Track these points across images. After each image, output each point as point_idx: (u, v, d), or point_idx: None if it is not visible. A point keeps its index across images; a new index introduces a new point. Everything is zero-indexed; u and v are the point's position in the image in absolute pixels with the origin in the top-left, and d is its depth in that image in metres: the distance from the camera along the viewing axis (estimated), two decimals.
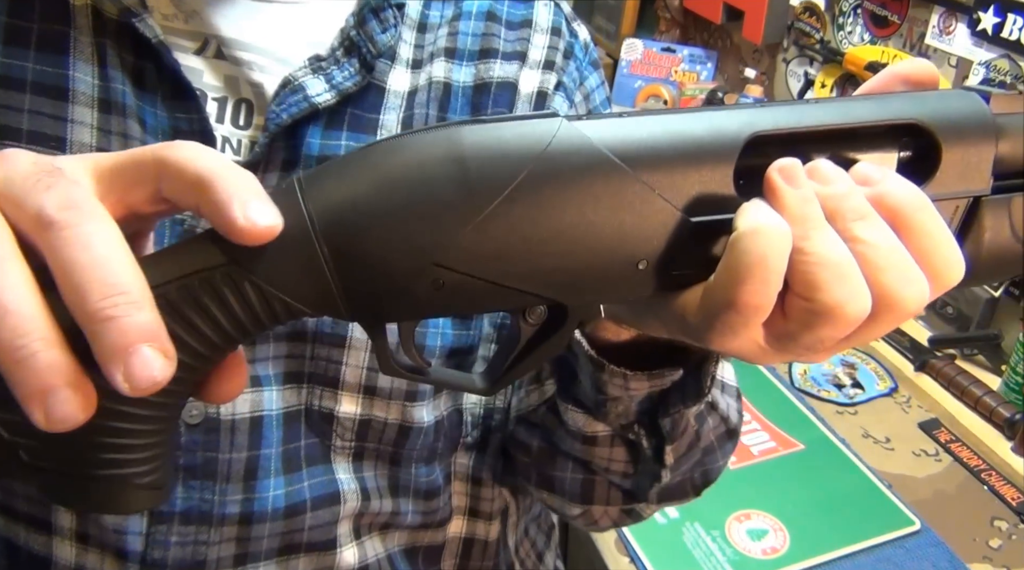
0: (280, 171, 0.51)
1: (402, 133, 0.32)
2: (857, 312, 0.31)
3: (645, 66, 1.96)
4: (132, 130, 0.49)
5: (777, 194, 0.31)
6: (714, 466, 0.60)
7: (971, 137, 0.34)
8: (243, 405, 0.52)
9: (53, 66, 0.48)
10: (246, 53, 0.51)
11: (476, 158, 0.31)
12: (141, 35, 0.48)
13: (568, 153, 0.31)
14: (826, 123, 0.33)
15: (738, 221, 0.31)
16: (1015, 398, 1.13)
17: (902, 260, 0.32)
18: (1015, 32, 1.18)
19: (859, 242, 0.31)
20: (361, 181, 0.31)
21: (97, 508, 0.32)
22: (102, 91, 0.49)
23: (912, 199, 0.32)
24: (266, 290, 0.30)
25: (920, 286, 0.32)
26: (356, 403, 0.54)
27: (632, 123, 0.32)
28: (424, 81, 0.56)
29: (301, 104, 0.50)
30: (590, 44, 0.65)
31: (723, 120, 0.33)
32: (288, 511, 0.54)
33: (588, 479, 0.58)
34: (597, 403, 0.51)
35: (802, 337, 0.33)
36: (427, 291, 0.31)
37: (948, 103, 0.35)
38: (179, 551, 0.52)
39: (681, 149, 0.32)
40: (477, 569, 0.66)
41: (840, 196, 0.32)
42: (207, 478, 0.52)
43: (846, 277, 0.31)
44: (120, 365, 0.27)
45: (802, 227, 0.31)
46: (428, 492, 0.60)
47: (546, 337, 0.35)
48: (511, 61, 0.58)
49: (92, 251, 0.27)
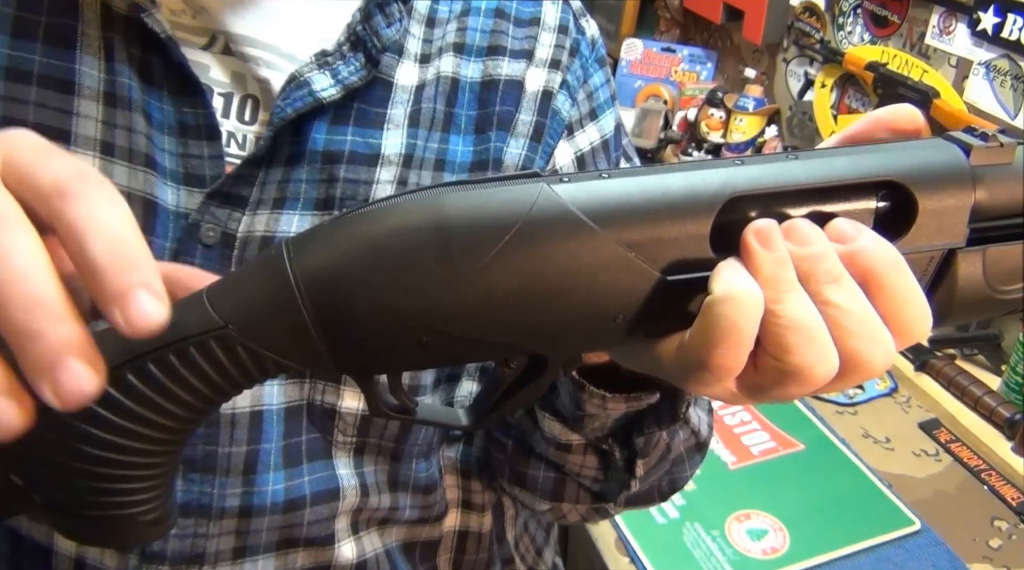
0: (284, 166, 0.51)
1: (387, 197, 0.33)
2: (824, 373, 0.32)
3: (645, 66, 1.96)
4: (137, 124, 0.49)
5: (752, 257, 0.32)
6: (681, 475, 0.62)
7: (948, 191, 0.35)
8: (243, 399, 0.52)
9: (60, 59, 0.48)
10: (253, 49, 0.51)
11: (458, 226, 0.31)
12: (149, 30, 0.48)
13: (546, 219, 0.32)
14: (804, 182, 0.34)
15: (713, 284, 0.32)
16: (1015, 398, 1.13)
17: (871, 323, 0.33)
18: (1015, 32, 1.18)
19: (830, 305, 0.32)
20: (346, 247, 0.32)
21: (105, 544, 0.35)
22: (108, 85, 0.49)
23: (886, 257, 0.33)
24: (258, 352, 0.32)
25: (886, 348, 0.33)
26: (358, 398, 0.54)
27: (610, 185, 0.33)
28: (432, 76, 0.56)
29: (306, 99, 0.50)
30: (598, 40, 0.65)
31: (701, 180, 0.33)
32: (287, 505, 0.54)
33: (559, 479, 0.59)
34: (575, 417, 0.52)
35: (772, 391, 0.34)
36: (411, 348, 0.32)
37: (927, 156, 0.35)
38: (178, 543, 0.52)
39: (658, 210, 0.33)
40: (472, 562, 0.66)
41: (815, 258, 0.32)
42: (207, 471, 0.52)
43: (815, 340, 0.32)
44: (48, 378, 0.26)
45: (775, 290, 0.32)
46: (427, 487, 0.60)
47: (527, 382, 0.36)
48: (518, 59, 0.58)
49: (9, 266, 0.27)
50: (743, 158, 0.34)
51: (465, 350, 0.33)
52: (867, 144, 0.36)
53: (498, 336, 0.33)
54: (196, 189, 0.51)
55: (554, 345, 0.34)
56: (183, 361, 0.31)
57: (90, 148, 0.49)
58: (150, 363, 0.31)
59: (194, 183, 0.50)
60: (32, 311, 0.26)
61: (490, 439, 0.62)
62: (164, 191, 0.50)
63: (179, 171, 0.50)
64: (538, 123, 0.58)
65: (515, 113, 0.58)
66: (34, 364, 0.26)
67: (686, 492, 1.03)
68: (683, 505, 1.01)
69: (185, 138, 0.50)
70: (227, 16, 0.50)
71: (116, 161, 0.49)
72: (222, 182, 0.50)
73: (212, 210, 0.50)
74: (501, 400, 0.37)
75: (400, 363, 0.34)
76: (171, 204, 0.50)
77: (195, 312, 0.32)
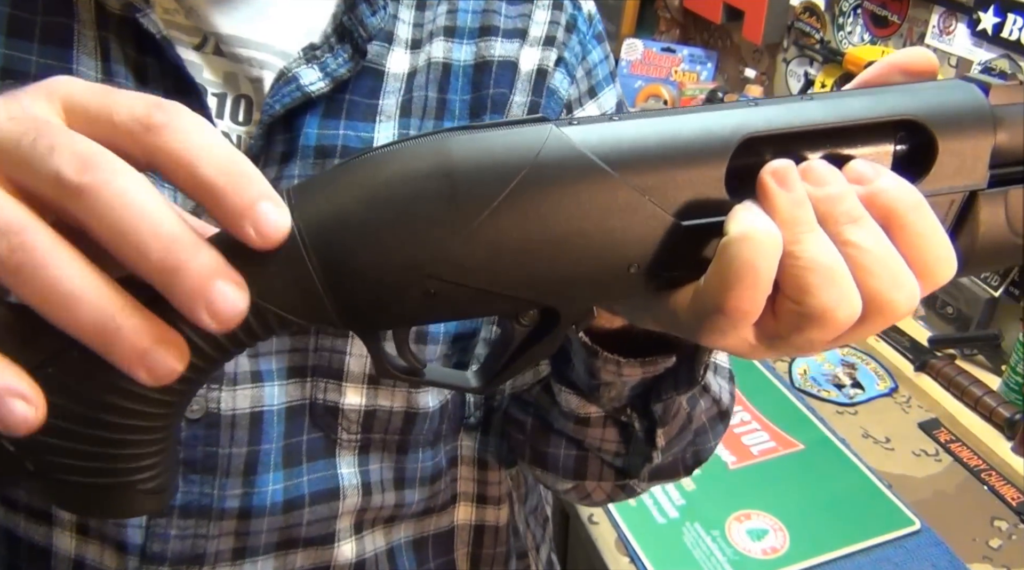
0: (279, 164, 0.51)
1: (391, 143, 0.32)
2: (847, 316, 0.31)
3: (645, 66, 1.96)
4: None
5: (769, 197, 0.31)
6: (705, 447, 0.60)
7: (968, 131, 0.34)
8: (243, 400, 0.52)
9: (57, 59, 0.48)
10: (244, 49, 0.51)
11: (464, 171, 0.31)
12: (143, 30, 0.48)
13: (556, 162, 0.31)
14: (820, 122, 0.33)
15: (729, 225, 0.31)
16: (1015, 398, 1.13)
17: (893, 264, 0.32)
18: (1015, 32, 1.18)
19: (851, 246, 0.31)
20: (350, 195, 0.31)
21: (102, 513, 0.33)
22: (105, 85, 0.49)
23: (906, 198, 0.32)
24: (259, 305, 0.31)
25: (910, 289, 0.32)
26: (361, 394, 0.54)
27: (622, 127, 0.32)
28: (423, 62, 0.55)
29: (294, 94, 0.49)
30: (595, 15, 0.63)
31: (715, 121, 0.32)
32: (286, 506, 0.54)
33: (581, 456, 0.59)
34: (590, 387, 0.51)
35: (792, 338, 0.33)
36: (418, 300, 0.32)
37: (946, 96, 0.34)
38: (178, 544, 0.52)
39: (671, 153, 0.32)
40: (491, 556, 0.66)
41: (833, 198, 0.31)
42: (207, 472, 0.52)
43: (836, 281, 0.31)
44: (202, 303, 0.27)
45: (793, 231, 0.31)
46: (433, 477, 0.60)
47: (539, 339, 0.35)
48: (512, 39, 0.57)
49: (133, 208, 0.27)
50: (757, 99, 0.34)
51: (474, 302, 0.32)
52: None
53: (508, 287, 0.32)
54: None
55: (566, 297, 0.33)
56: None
57: None
58: None
59: None
60: (171, 247, 0.27)
61: (509, 419, 0.61)
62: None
63: None
64: (533, 103, 0.57)
65: (510, 95, 0.57)
66: (187, 294, 0.27)
67: (686, 492, 1.03)
68: (683, 505, 1.02)
69: None
70: (215, 16, 0.50)
71: None
72: None
73: None
74: (512, 359, 0.36)
75: (407, 316, 0.32)
76: None
77: None
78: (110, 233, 0.27)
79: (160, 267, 0.27)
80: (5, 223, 0.27)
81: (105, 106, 0.29)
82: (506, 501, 0.66)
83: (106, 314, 0.27)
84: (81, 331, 0.27)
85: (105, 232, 0.27)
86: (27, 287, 0.27)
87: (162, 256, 0.27)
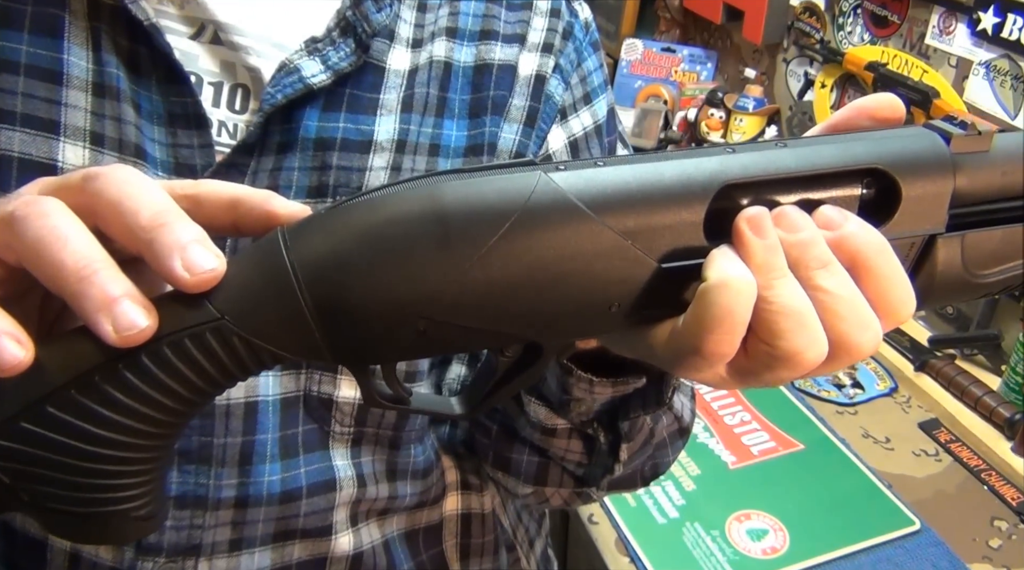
0: (275, 154, 0.51)
1: (385, 185, 0.33)
2: (814, 357, 0.33)
3: (645, 66, 1.96)
4: (126, 114, 0.49)
5: (745, 244, 0.33)
6: (664, 461, 0.63)
7: (930, 178, 0.36)
8: (238, 391, 0.51)
9: (47, 49, 0.48)
10: (243, 38, 0.51)
11: (456, 216, 0.32)
12: (135, 19, 0.48)
13: (545, 208, 0.32)
14: (793, 170, 0.35)
15: (707, 272, 0.33)
16: (1015, 398, 1.13)
17: (860, 307, 0.34)
18: (1015, 32, 1.18)
19: (820, 291, 0.33)
20: (344, 237, 0.32)
21: (96, 541, 0.34)
22: (96, 75, 0.49)
23: (872, 242, 0.34)
24: (254, 344, 0.32)
25: (874, 331, 0.34)
26: (355, 388, 0.54)
27: (606, 172, 0.34)
28: (425, 60, 0.56)
29: (296, 85, 0.50)
30: (592, 24, 0.64)
31: (695, 168, 0.34)
32: (283, 497, 0.54)
33: (543, 463, 0.60)
34: (561, 402, 0.52)
35: (762, 375, 0.35)
36: (409, 338, 0.33)
37: (909, 144, 0.36)
38: (174, 535, 0.52)
39: (654, 199, 0.33)
40: (480, 545, 0.66)
41: (804, 244, 0.33)
42: (202, 463, 0.52)
43: (806, 325, 0.33)
44: (107, 317, 0.29)
45: (766, 277, 0.33)
46: (424, 470, 0.60)
47: (521, 370, 0.36)
48: (511, 43, 0.58)
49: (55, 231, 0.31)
50: (734, 146, 0.35)
51: (462, 339, 0.33)
52: (851, 132, 0.38)
53: (496, 324, 0.33)
54: (187, 179, 0.50)
55: (550, 333, 0.34)
56: (177, 353, 0.31)
57: (80, 139, 0.49)
58: (144, 356, 0.31)
59: (185, 173, 0.50)
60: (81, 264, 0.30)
61: (475, 423, 0.62)
62: None
63: (169, 161, 0.50)
64: (531, 108, 0.58)
65: (509, 98, 0.57)
66: (93, 306, 0.30)
67: (686, 492, 1.03)
68: (683, 505, 1.01)
69: (174, 127, 0.50)
70: (215, 4, 0.50)
71: (106, 152, 0.49)
72: (213, 171, 0.50)
73: None
74: (495, 388, 0.37)
75: (397, 352, 0.34)
76: None
77: (190, 303, 0.32)
78: (35, 250, 0.30)
79: (74, 279, 0.30)
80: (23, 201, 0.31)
81: (65, 177, 0.33)
82: (489, 487, 0.67)
83: (88, 256, 0.30)
84: (64, 270, 0.30)
85: (31, 249, 0.30)
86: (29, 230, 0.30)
87: (74, 270, 0.30)
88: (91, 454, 0.31)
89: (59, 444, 0.31)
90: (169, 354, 0.31)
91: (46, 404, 0.30)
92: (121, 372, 0.31)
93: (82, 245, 0.30)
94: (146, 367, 0.31)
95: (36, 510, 0.32)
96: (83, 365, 0.31)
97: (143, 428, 0.32)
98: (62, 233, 0.30)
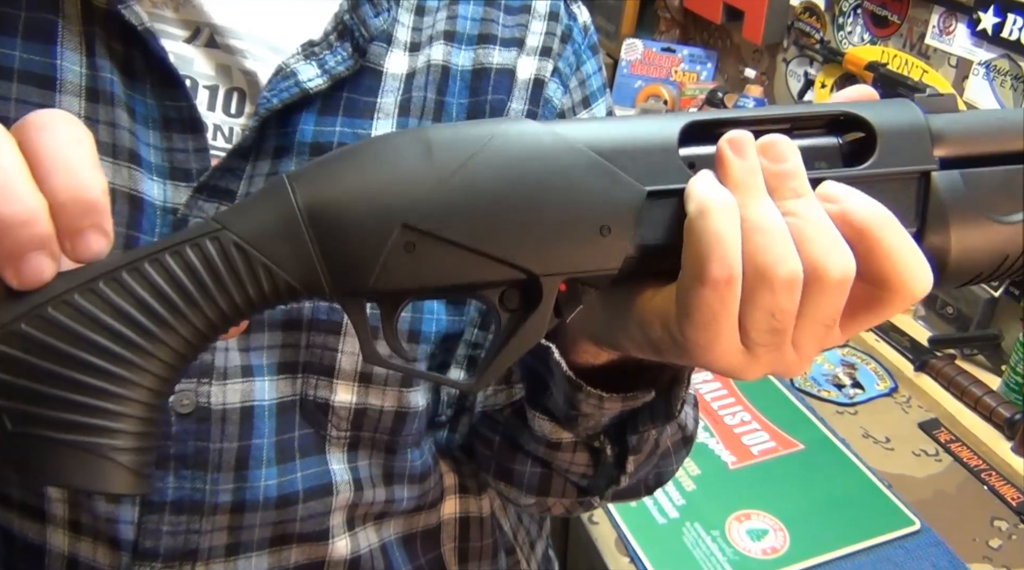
0: (272, 158, 0.51)
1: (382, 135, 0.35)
2: (787, 274, 0.33)
3: (645, 66, 1.96)
4: (120, 119, 0.49)
5: (724, 163, 0.34)
6: (667, 470, 0.63)
7: (901, 118, 0.37)
8: (234, 395, 0.51)
9: (40, 55, 0.48)
10: (239, 41, 0.51)
11: (440, 138, 0.35)
12: (128, 23, 0.48)
13: (522, 132, 0.35)
14: (766, 115, 0.37)
15: (688, 204, 0.34)
16: (1015, 398, 1.13)
17: (829, 232, 0.34)
18: (1015, 32, 1.18)
19: (791, 215, 0.34)
20: (340, 166, 0.35)
21: (77, 482, 0.32)
22: (90, 80, 0.49)
23: (876, 214, 0.34)
24: (253, 256, 0.33)
25: (842, 254, 0.34)
26: (352, 391, 0.54)
27: (585, 120, 0.37)
28: (422, 64, 0.56)
29: (292, 89, 0.50)
30: (590, 27, 0.64)
31: (664, 119, 0.37)
32: (280, 501, 0.54)
33: (546, 474, 0.59)
34: (568, 417, 0.52)
35: (752, 314, 0.34)
36: (399, 257, 0.34)
37: (878, 103, 0.38)
38: (171, 540, 0.52)
39: (629, 133, 0.36)
40: (478, 549, 0.66)
41: (784, 175, 0.34)
42: (198, 468, 0.52)
43: (778, 241, 0.33)
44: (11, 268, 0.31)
45: (744, 196, 0.34)
46: (422, 475, 0.60)
47: (523, 321, 0.36)
48: (509, 48, 0.58)
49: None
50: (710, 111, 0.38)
51: (453, 265, 0.34)
52: None
53: (484, 244, 0.34)
54: (183, 183, 0.50)
55: (542, 260, 0.35)
56: (178, 261, 0.32)
57: None
58: (146, 263, 0.32)
59: (180, 177, 0.50)
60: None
61: (476, 434, 0.62)
62: (150, 186, 0.50)
63: (164, 165, 0.50)
64: (530, 112, 0.58)
65: (507, 102, 0.57)
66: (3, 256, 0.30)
67: (686, 492, 1.03)
68: (683, 505, 1.01)
69: (169, 132, 0.50)
70: (211, 7, 0.50)
71: (100, 157, 0.48)
72: (209, 175, 0.50)
73: (200, 204, 0.50)
74: (499, 348, 0.37)
75: (389, 278, 0.34)
76: (157, 199, 0.50)
77: (196, 225, 0.34)
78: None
79: None
80: None
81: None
82: (487, 491, 0.66)
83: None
84: None
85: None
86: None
87: None
88: (88, 364, 0.31)
89: (57, 351, 0.31)
90: (170, 261, 0.32)
91: (48, 306, 0.31)
92: (123, 276, 0.32)
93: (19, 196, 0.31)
94: (147, 272, 0.32)
95: (19, 441, 0.31)
96: (87, 270, 0.32)
97: (142, 344, 0.32)
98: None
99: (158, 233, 0.50)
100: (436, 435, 0.64)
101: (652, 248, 0.35)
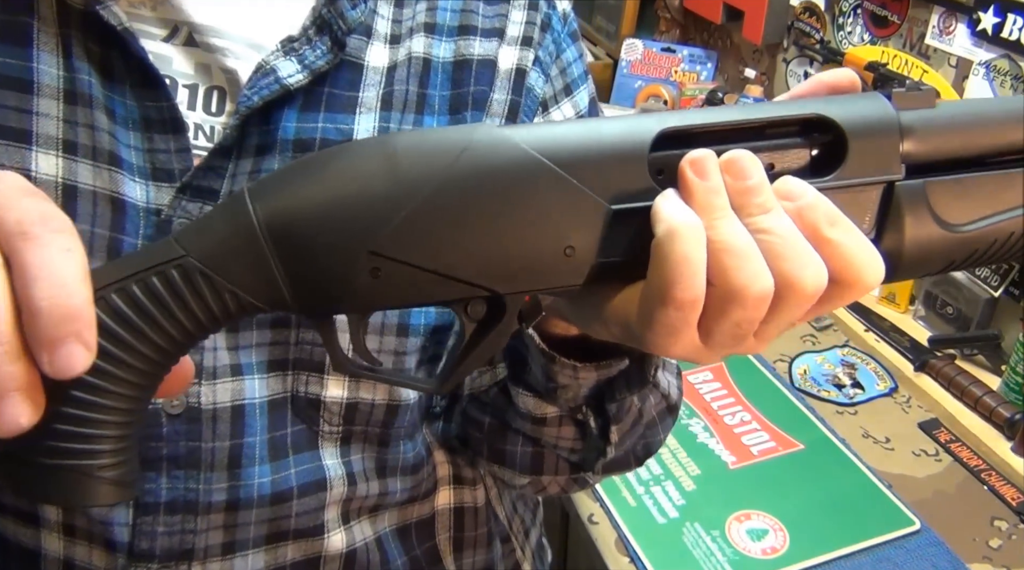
0: (254, 156, 0.51)
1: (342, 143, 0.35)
2: (759, 292, 0.33)
3: (645, 66, 1.96)
4: (100, 121, 0.48)
5: (686, 186, 0.34)
6: (655, 439, 0.63)
7: (874, 124, 0.37)
8: (224, 394, 0.51)
9: (16, 58, 0.47)
10: (218, 39, 0.50)
11: (406, 154, 0.34)
12: (106, 24, 0.47)
13: (491, 147, 0.34)
14: (735, 122, 0.36)
15: (655, 226, 0.34)
16: (1015, 398, 1.13)
17: (799, 246, 0.34)
18: (1015, 32, 1.18)
19: (760, 232, 0.34)
20: (302, 181, 0.34)
21: (63, 500, 0.34)
22: (67, 82, 0.48)
23: (829, 214, 0.35)
24: (217, 282, 0.33)
25: (815, 268, 0.34)
26: (342, 386, 0.54)
27: (554, 126, 0.35)
28: (403, 56, 0.55)
29: (272, 86, 0.49)
30: (570, 14, 0.64)
31: (637, 122, 0.36)
32: (274, 498, 0.54)
33: (537, 452, 0.60)
34: (547, 390, 0.53)
35: (720, 324, 0.35)
36: (366, 281, 0.34)
37: (853, 100, 0.38)
38: (166, 541, 0.52)
39: (597, 145, 0.35)
40: (473, 538, 0.66)
41: (748, 191, 0.34)
42: (191, 467, 0.51)
43: (749, 260, 0.33)
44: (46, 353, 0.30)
45: (709, 217, 0.34)
46: (415, 466, 0.61)
47: (487, 332, 0.37)
48: (490, 38, 0.58)
49: None
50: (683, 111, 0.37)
51: (419, 286, 0.34)
52: None
53: (449, 268, 0.34)
54: (165, 184, 0.50)
55: (508, 281, 0.35)
56: (144, 291, 0.32)
57: (52, 147, 0.48)
58: (113, 293, 0.32)
59: (163, 178, 0.50)
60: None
61: (467, 419, 0.62)
62: (132, 188, 0.49)
63: (146, 167, 0.50)
64: (512, 102, 0.58)
65: (489, 92, 0.57)
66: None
67: (686, 492, 1.03)
68: (683, 505, 1.01)
69: (150, 132, 0.50)
70: (189, 5, 0.49)
71: (80, 160, 0.48)
72: (191, 175, 0.49)
73: (183, 204, 0.50)
74: (464, 354, 0.37)
75: (354, 298, 0.34)
76: (140, 200, 0.50)
77: (160, 247, 0.33)
78: None
79: None
80: None
81: (6, 204, 0.31)
82: (482, 481, 0.67)
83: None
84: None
85: None
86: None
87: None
88: (63, 396, 0.32)
89: None
90: (136, 291, 0.32)
91: None
92: None
93: None
94: (115, 304, 0.32)
95: (8, 465, 0.33)
96: None
97: (112, 371, 0.32)
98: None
99: (141, 235, 0.49)
100: (433, 426, 0.64)
101: (617, 264, 0.36)
